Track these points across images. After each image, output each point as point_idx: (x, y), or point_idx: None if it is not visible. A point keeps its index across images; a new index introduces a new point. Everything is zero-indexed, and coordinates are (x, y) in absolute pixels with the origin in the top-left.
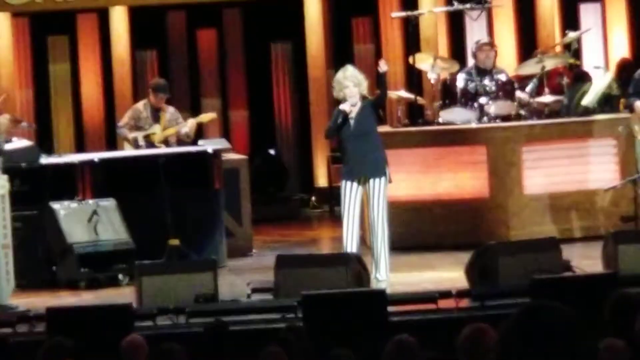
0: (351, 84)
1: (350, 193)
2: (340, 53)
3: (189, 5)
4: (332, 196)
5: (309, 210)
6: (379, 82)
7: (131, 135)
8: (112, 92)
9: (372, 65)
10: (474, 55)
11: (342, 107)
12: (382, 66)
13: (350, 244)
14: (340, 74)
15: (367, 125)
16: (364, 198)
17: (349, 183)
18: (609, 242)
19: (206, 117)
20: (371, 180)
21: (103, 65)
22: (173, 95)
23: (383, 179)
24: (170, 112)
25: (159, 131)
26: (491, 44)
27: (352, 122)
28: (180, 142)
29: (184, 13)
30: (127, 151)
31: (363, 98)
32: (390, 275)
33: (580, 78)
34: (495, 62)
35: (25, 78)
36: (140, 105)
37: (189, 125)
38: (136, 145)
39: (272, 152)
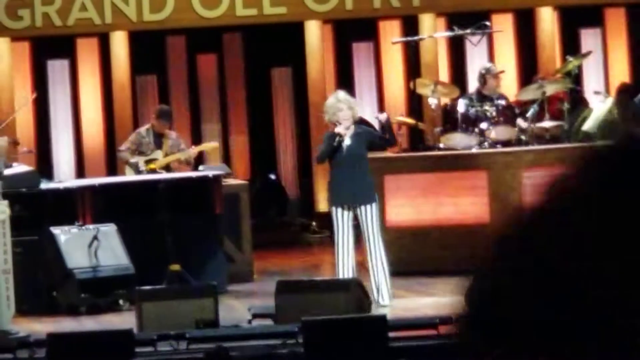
0: (345, 107)
1: (342, 219)
2: (340, 78)
3: (189, 30)
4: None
5: (310, 236)
6: (385, 130)
7: (132, 159)
8: (112, 116)
9: (372, 90)
10: (483, 81)
11: (338, 129)
12: (381, 116)
13: (345, 271)
14: (332, 99)
15: (360, 150)
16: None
17: (339, 209)
18: None
19: (209, 146)
20: (362, 207)
21: (103, 90)
22: (173, 119)
23: (374, 204)
24: (172, 137)
25: (161, 157)
26: (501, 72)
27: (344, 146)
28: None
29: (184, 38)
30: (128, 176)
31: (356, 123)
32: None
33: (581, 103)
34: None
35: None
36: (143, 130)
37: (191, 153)
38: (137, 170)
39: (272, 177)
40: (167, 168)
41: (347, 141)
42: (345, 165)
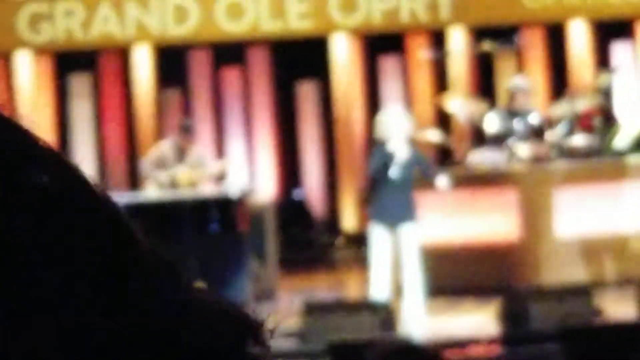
0: (396, 126)
1: (382, 238)
2: (367, 92)
3: (214, 44)
4: (359, 239)
5: (335, 254)
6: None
7: (155, 173)
8: (135, 131)
9: (399, 105)
10: (513, 97)
11: (389, 147)
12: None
13: (379, 289)
14: (385, 116)
15: (410, 171)
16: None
17: (380, 227)
18: None
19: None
20: (403, 227)
21: (126, 104)
22: (197, 134)
23: (415, 224)
24: (195, 152)
25: (184, 172)
26: (531, 88)
27: (396, 167)
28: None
29: (209, 51)
30: (152, 194)
31: (412, 145)
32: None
33: (612, 119)
34: None
35: (47, 116)
36: (167, 143)
37: (214, 169)
38: (159, 184)
39: (298, 194)
40: (192, 183)
41: (401, 162)
42: (393, 184)
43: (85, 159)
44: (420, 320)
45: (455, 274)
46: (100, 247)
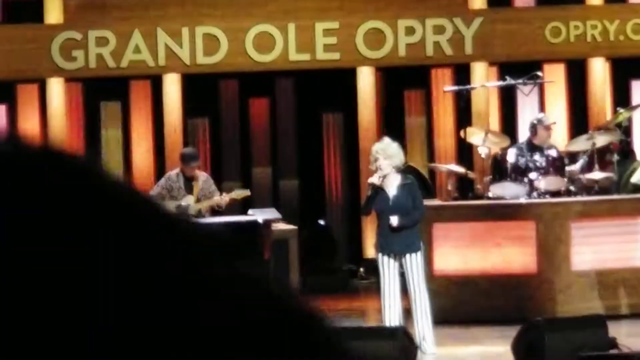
0: (381, 157)
1: (388, 267)
2: (391, 125)
3: (242, 74)
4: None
5: (358, 282)
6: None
7: (165, 204)
8: (164, 159)
9: (422, 138)
10: (534, 131)
11: (371, 180)
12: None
13: (391, 318)
14: (375, 146)
15: (406, 200)
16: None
17: (385, 258)
18: None
19: (240, 194)
20: (407, 256)
21: (155, 132)
22: (224, 163)
23: (419, 253)
24: (202, 180)
25: (192, 201)
26: (553, 123)
27: (390, 196)
28: (213, 211)
29: (237, 81)
30: None
31: (406, 173)
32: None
33: (630, 155)
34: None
35: (78, 143)
36: (174, 174)
37: (222, 202)
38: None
39: (321, 222)
40: (199, 214)
41: (393, 191)
42: (391, 214)
43: None
44: (433, 347)
45: (474, 303)
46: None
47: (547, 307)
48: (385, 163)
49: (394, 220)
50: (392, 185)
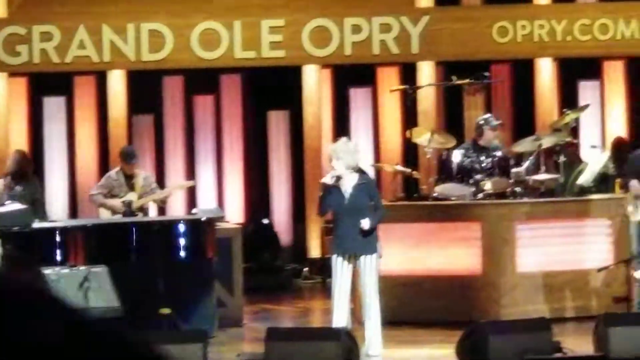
0: (335, 157)
1: (342, 268)
2: (337, 123)
3: (187, 71)
4: (325, 267)
5: (302, 281)
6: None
7: (108, 202)
8: (108, 155)
9: (368, 137)
10: (481, 132)
11: (323, 179)
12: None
13: (341, 320)
14: (331, 145)
15: (363, 200)
16: (354, 272)
17: (339, 258)
18: (600, 323)
19: (184, 185)
20: (362, 257)
21: (99, 128)
22: (168, 159)
23: (374, 255)
24: (143, 177)
25: (135, 198)
26: (500, 124)
27: (347, 196)
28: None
29: (182, 78)
30: (120, 218)
31: (362, 173)
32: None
33: (577, 157)
34: None
35: (21, 139)
36: (113, 172)
37: (165, 193)
38: (114, 212)
39: (266, 221)
40: (142, 209)
41: (349, 190)
42: (348, 215)
43: (57, 182)
44: (380, 350)
45: (418, 305)
46: None
47: (492, 309)
48: (339, 163)
49: (365, 223)
50: (349, 185)
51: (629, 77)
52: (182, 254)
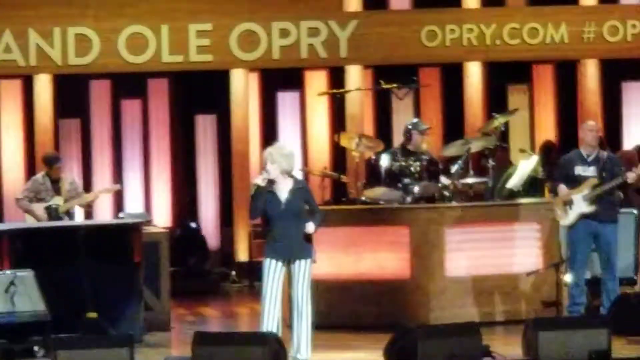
0: (269, 161)
1: (274, 272)
2: (265, 127)
3: (114, 75)
4: (252, 271)
5: (229, 285)
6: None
7: (33, 206)
8: (34, 160)
9: (296, 141)
10: (409, 136)
11: (255, 180)
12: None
13: (270, 324)
14: (267, 149)
15: (298, 205)
16: (285, 277)
17: (273, 262)
18: (529, 328)
19: (110, 189)
20: (297, 262)
21: (26, 133)
22: (96, 164)
23: (309, 260)
24: (69, 181)
25: (61, 202)
26: (428, 128)
27: (283, 200)
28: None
29: (109, 82)
30: (47, 222)
31: (296, 180)
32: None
33: (505, 161)
34: None
35: None
36: (39, 177)
37: (91, 197)
38: (38, 217)
39: (193, 225)
40: (68, 213)
41: (285, 195)
42: (284, 220)
43: None
44: (308, 354)
45: (347, 309)
46: None
47: (421, 313)
48: (274, 167)
49: (310, 227)
50: (284, 190)
51: (558, 81)
52: (109, 258)
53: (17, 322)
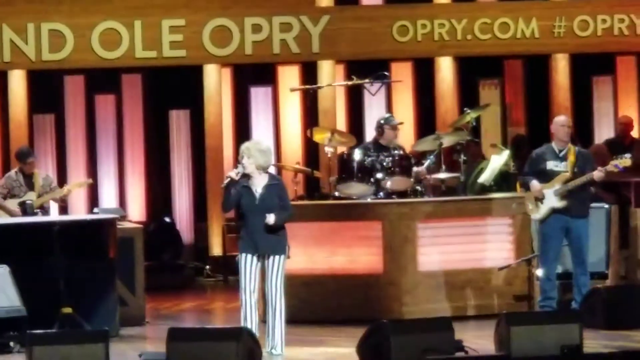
0: (245, 155)
1: (250, 266)
2: (238, 122)
3: (88, 70)
4: (227, 265)
5: (203, 279)
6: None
7: (7, 202)
8: (9, 155)
9: (269, 136)
10: (381, 131)
11: (229, 173)
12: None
13: (250, 319)
14: (244, 143)
15: (272, 201)
16: (261, 272)
17: (248, 256)
18: (501, 323)
19: (82, 183)
20: (271, 257)
21: (0, 128)
22: (70, 159)
23: (283, 256)
24: (42, 177)
25: (35, 197)
26: (400, 123)
27: (257, 196)
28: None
29: (83, 78)
30: (21, 217)
31: (272, 176)
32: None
33: (477, 155)
34: None
35: None
36: (13, 173)
37: (64, 191)
38: (12, 213)
39: (167, 220)
40: (42, 208)
41: (260, 191)
42: (258, 215)
43: None
44: (282, 348)
45: (320, 304)
46: None
47: (394, 308)
48: (250, 161)
49: (270, 218)
50: (259, 185)
51: (529, 75)
52: (83, 253)
53: None
